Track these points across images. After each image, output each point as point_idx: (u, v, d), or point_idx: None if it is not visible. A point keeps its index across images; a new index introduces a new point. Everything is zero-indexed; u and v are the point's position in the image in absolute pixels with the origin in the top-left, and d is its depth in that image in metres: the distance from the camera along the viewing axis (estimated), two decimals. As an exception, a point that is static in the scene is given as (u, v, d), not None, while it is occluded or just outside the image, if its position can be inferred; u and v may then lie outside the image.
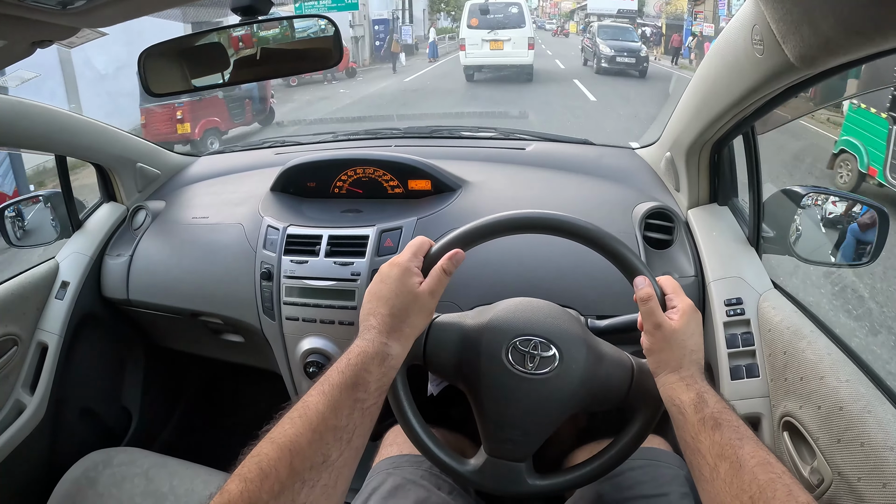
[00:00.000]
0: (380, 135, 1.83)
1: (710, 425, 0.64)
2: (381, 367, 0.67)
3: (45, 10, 0.59)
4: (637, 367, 0.81)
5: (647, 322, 0.73)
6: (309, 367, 1.24)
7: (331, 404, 0.62)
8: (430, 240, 0.78)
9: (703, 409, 0.66)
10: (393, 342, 0.70)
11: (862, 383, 0.80)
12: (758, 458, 0.59)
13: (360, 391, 0.64)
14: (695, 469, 0.66)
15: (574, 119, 9.07)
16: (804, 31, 0.58)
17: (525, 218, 0.78)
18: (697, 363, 0.72)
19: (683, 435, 0.68)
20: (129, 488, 1.13)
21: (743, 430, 0.63)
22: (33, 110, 1.23)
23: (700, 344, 0.74)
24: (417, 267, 0.74)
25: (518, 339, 0.79)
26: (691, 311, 0.74)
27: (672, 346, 0.72)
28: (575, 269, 1.13)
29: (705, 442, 0.64)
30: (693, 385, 0.69)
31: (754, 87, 0.79)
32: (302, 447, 0.57)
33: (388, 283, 0.72)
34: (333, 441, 0.60)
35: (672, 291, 0.77)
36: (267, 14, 0.81)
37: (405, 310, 0.71)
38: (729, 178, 1.19)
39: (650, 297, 0.73)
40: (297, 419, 0.60)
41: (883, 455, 0.72)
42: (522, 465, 0.81)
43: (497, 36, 13.22)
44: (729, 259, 1.11)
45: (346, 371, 0.65)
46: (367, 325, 0.71)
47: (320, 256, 1.22)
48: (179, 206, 1.55)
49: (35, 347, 1.40)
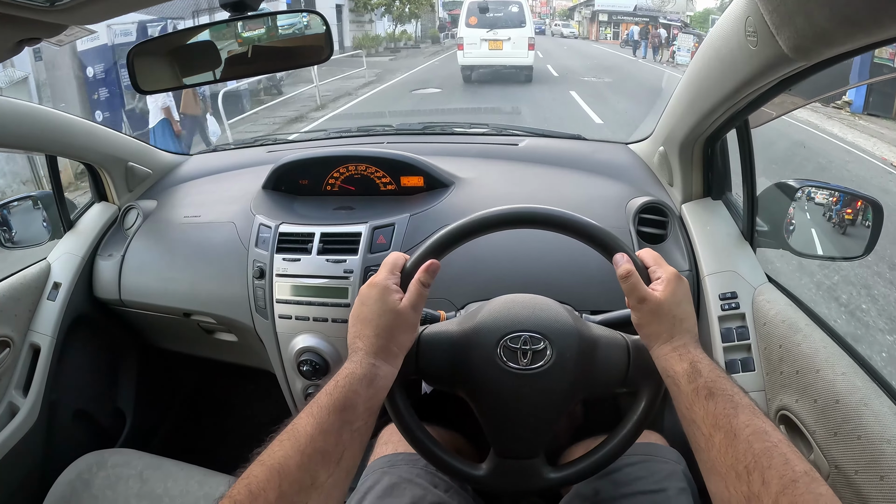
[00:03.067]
0: (372, 132, 1.83)
1: (704, 395, 0.64)
2: (370, 389, 0.67)
3: (32, 8, 0.58)
4: (633, 344, 0.80)
5: (631, 298, 0.73)
6: (302, 366, 1.23)
7: (319, 426, 0.62)
8: (405, 254, 0.78)
9: (696, 379, 0.65)
10: (381, 362, 0.70)
11: (858, 376, 0.80)
12: (753, 427, 0.59)
13: (349, 413, 0.64)
14: (691, 440, 0.66)
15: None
16: (798, 21, 0.57)
17: (492, 216, 0.77)
18: (689, 331, 0.71)
19: (679, 406, 0.68)
20: (124, 490, 1.13)
21: (738, 398, 0.63)
22: (23, 110, 1.22)
23: (689, 311, 0.73)
24: (395, 283, 0.74)
25: (507, 336, 0.78)
26: (676, 280, 0.73)
27: (660, 318, 0.71)
28: (569, 264, 1.12)
29: (699, 412, 0.64)
30: (686, 355, 0.68)
31: (748, 79, 0.79)
32: (290, 469, 0.58)
33: (370, 305, 0.72)
34: (322, 463, 0.60)
35: (654, 263, 0.76)
36: (256, 10, 0.80)
37: (390, 329, 0.71)
38: (722, 172, 1.19)
39: (630, 273, 0.72)
40: (286, 441, 0.61)
41: (880, 448, 0.72)
42: (536, 460, 0.80)
43: (496, 35, 12.73)
44: (723, 253, 1.12)
45: (335, 393, 0.65)
46: (354, 348, 0.71)
47: (313, 254, 1.21)
48: (171, 205, 1.54)
49: (27, 349, 1.38)
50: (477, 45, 12.81)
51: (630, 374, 0.79)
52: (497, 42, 12.73)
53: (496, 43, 12.73)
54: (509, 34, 12.70)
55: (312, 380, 1.25)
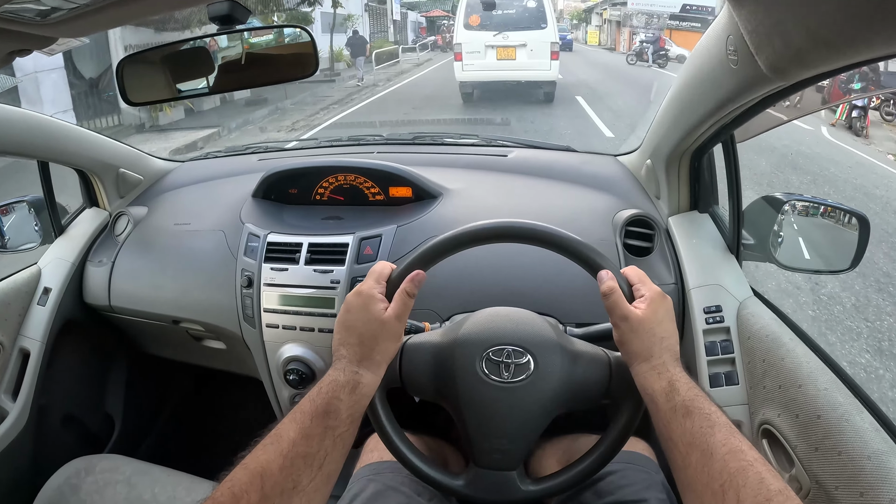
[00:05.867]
0: (362, 141, 1.83)
1: (682, 413, 0.64)
2: (353, 396, 0.68)
3: (25, 22, 0.59)
4: (614, 361, 0.81)
5: (614, 315, 0.73)
6: (289, 375, 1.24)
7: (301, 431, 0.64)
8: (391, 264, 0.79)
9: (673, 398, 0.66)
10: (364, 370, 0.71)
11: (840, 392, 0.81)
12: (729, 447, 0.60)
13: (332, 419, 0.65)
14: (669, 458, 0.66)
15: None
16: (776, 42, 0.58)
17: (479, 230, 0.78)
18: (669, 350, 0.71)
19: (657, 424, 0.68)
20: (112, 495, 1.12)
21: (715, 416, 0.63)
22: (14, 115, 1.22)
23: (671, 330, 0.73)
24: (381, 293, 0.75)
25: (490, 349, 0.79)
26: (659, 298, 0.73)
27: (641, 336, 0.71)
28: (554, 276, 1.13)
29: (676, 430, 0.64)
30: (664, 373, 0.69)
31: (729, 97, 0.79)
32: (273, 473, 0.60)
33: (355, 313, 0.73)
34: (304, 467, 0.62)
35: (638, 281, 0.76)
36: (245, 23, 0.81)
37: (374, 337, 0.72)
38: (709, 185, 1.19)
39: (612, 291, 0.73)
40: (269, 446, 0.62)
41: (860, 464, 0.72)
42: (514, 472, 0.81)
43: (507, 40, 9.53)
44: (709, 266, 1.12)
45: (317, 399, 0.66)
46: (338, 356, 0.72)
47: (300, 264, 1.22)
48: (161, 212, 1.54)
49: (17, 354, 1.38)
50: (480, 54, 9.66)
51: (611, 391, 0.80)
52: (508, 49, 9.63)
53: (506, 50, 9.64)
54: (524, 38, 9.56)
55: (299, 388, 1.26)
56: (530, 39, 9.55)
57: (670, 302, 0.75)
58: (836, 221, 1.07)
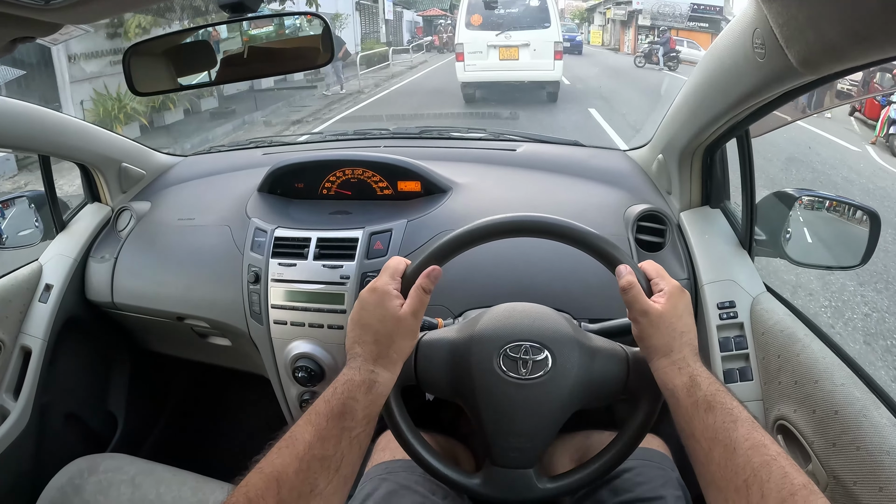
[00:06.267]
0: (369, 135, 1.81)
1: (703, 408, 0.64)
2: (369, 395, 0.67)
3: (27, 6, 0.57)
4: (632, 356, 0.80)
5: (633, 310, 0.73)
6: (297, 372, 1.22)
7: (317, 433, 0.62)
8: (406, 259, 0.77)
9: (695, 393, 0.65)
10: (380, 369, 0.69)
11: (856, 387, 0.81)
12: (752, 441, 0.59)
13: (348, 420, 0.64)
14: (690, 453, 0.65)
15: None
16: (809, 36, 0.57)
17: (498, 224, 0.77)
18: (689, 344, 0.71)
19: (678, 419, 0.67)
20: (116, 495, 1.11)
21: (737, 411, 0.63)
22: (16, 108, 1.20)
23: (690, 324, 0.73)
24: (396, 289, 0.73)
25: (508, 346, 0.78)
26: (678, 293, 0.73)
27: (660, 331, 0.71)
28: (568, 272, 1.12)
29: (698, 426, 0.64)
30: (685, 368, 0.68)
31: (753, 90, 0.79)
32: (289, 477, 0.58)
33: (370, 310, 0.71)
34: (321, 470, 0.60)
35: (657, 275, 0.75)
36: (256, 11, 0.79)
37: (389, 335, 0.70)
38: (721, 180, 1.18)
39: (632, 286, 0.72)
40: (284, 449, 0.61)
41: (879, 459, 0.72)
42: (531, 470, 0.80)
43: (510, 40, 9.39)
44: (721, 262, 1.11)
45: (333, 400, 0.65)
46: (353, 354, 0.70)
47: (309, 259, 1.20)
48: (165, 207, 1.52)
49: (18, 352, 1.37)
50: (483, 55, 9.50)
51: (628, 387, 0.79)
52: (511, 49, 9.48)
53: (509, 50, 9.49)
54: (527, 38, 9.44)
55: (308, 386, 1.24)
56: (533, 39, 9.45)
57: (689, 296, 0.75)
58: (846, 217, 1.07)
